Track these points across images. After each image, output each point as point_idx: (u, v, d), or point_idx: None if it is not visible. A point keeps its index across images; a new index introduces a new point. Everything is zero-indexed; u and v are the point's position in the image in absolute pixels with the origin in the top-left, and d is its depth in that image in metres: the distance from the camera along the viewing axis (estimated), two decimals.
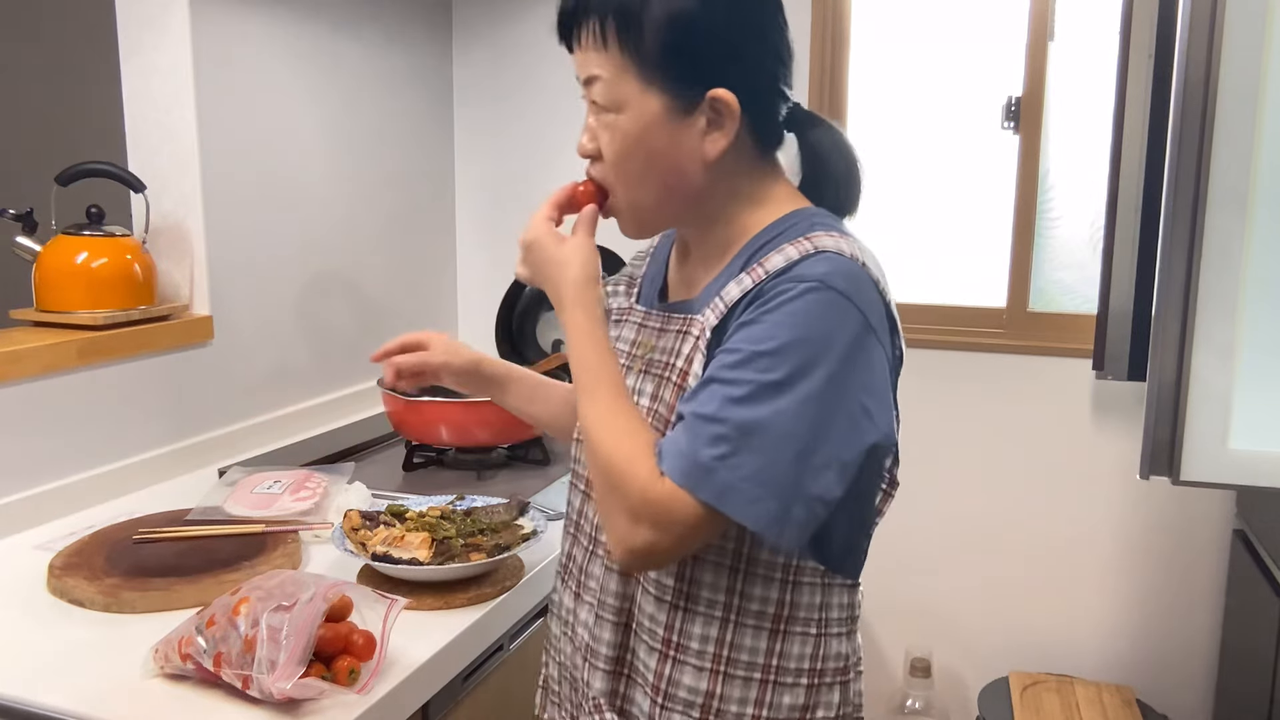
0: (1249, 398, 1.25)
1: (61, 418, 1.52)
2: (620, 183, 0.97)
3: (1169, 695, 2.14)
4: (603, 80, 0.95)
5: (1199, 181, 1.23)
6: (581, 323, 0.94)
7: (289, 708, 0.98)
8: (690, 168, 0.95)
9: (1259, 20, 1.19)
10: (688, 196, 0.97)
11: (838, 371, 0.85)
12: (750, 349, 0.86)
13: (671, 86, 0.92)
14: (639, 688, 0.98)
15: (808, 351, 0.85)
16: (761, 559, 0.94)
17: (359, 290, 2.18)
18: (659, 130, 0.93)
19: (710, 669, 0.94)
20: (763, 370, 0.85)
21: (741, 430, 0.84)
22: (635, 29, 0.91)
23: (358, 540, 1.29)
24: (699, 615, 0.94)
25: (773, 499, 0.84)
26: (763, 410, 0.84)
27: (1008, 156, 2.14)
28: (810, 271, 0.88)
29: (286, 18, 1.90)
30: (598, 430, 0.90)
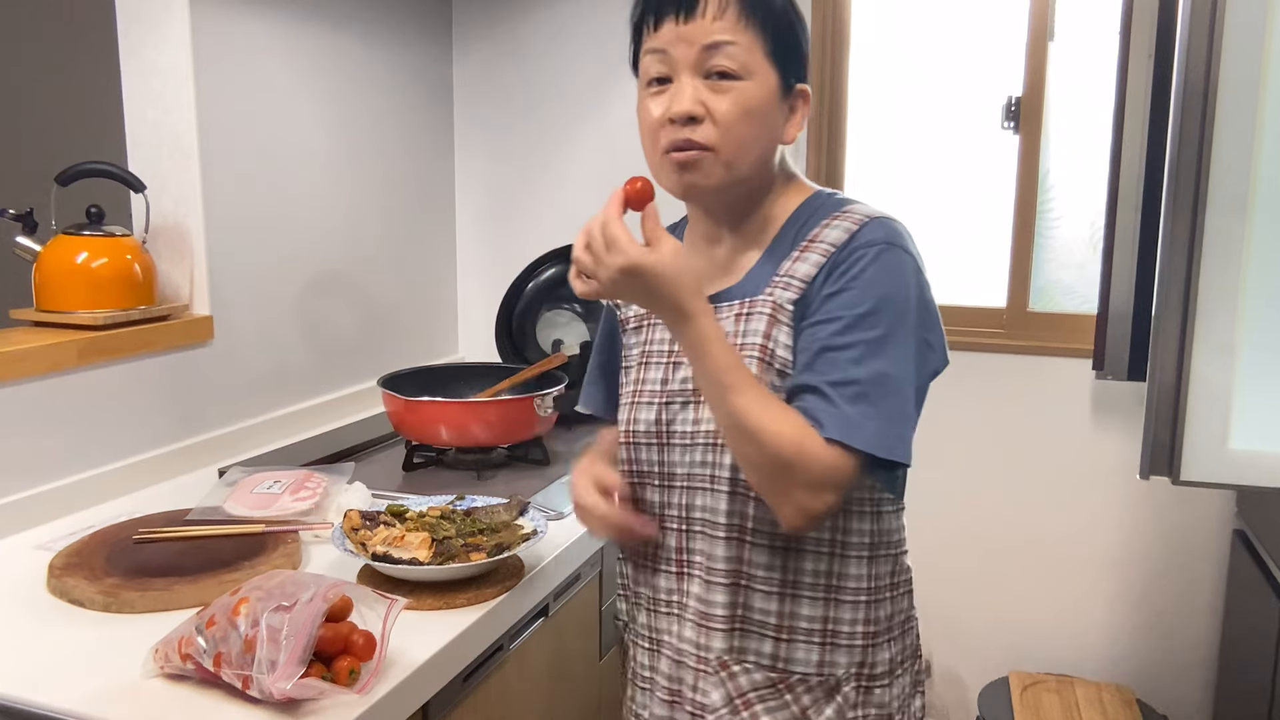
0: (1249, 398, 1.25)
1: (61, 418, 1.52)
2: (730, 144, 1.03)
3: (1169, 695, 2.14)
4: (738, 46, 1.02)
5: (1199, 181, 1.23)
6: (709, 328, 0.99)
7: (289, 708, 0.98)
8: (773, 146, 1.08)
9: (1259, 20, 1.19)
10: (763, 170, 1.08)
11: (914, 315, 1.01)
12: (851, 313, 1.00)
13: (785, 68, 1.05)
14: (755, 636, 1.09)
15: (894, 305, 1.00)
16: (856, 497, 1.07)
17: (359, 290, 2.18)
18: (772, 104, 1.05)
19: (823, 598, 1.08)
20: (867, 329, 0.99)
21: (871, 384, 0.98)
22: (770, 13, 1.03)
23: (358, 540, 1.29)
24: (808, 553, 1.07)
25: (905, 433, 0.99)
26: (881, 363, 0.98)
27: (1008, 156, 2.14)
28: (874, 236, 1.03)
29: (287, 18, 1.90)
30: (757, 418, 0.96)
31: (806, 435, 0.96)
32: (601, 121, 2.34)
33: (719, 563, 1.08)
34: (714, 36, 1.01)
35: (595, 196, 2.37)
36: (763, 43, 1.03)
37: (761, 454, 0.97)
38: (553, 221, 2.41)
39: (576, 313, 2.35)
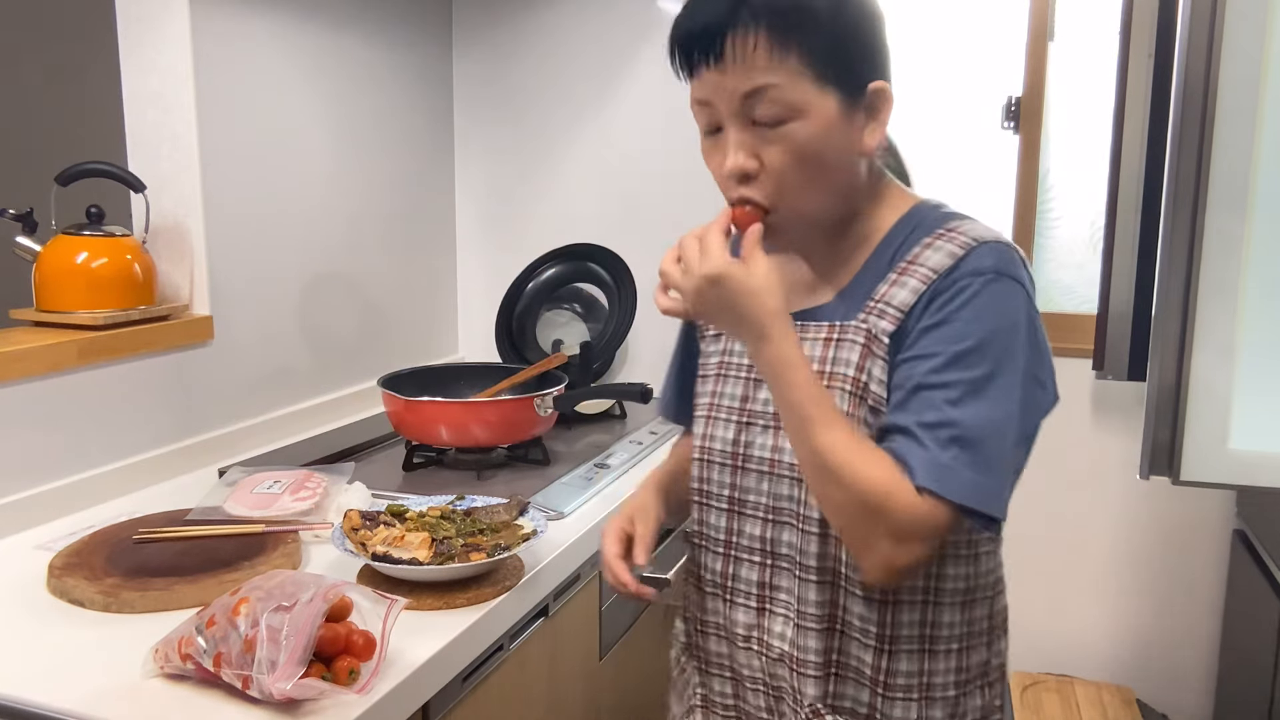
0: (1249, 398, 1.25)
1: (61, 418, 1.52)
2: (791, 193, 0.95)
3: (1169, 695, 2.14)
4: (778, 87, 0.91)
5: (1199, 181, 1.23)
6: (790, 352, 0.91)
7: (289, 708, 0.98)
8: (853, 165, 0.97)
9: (1259, 20, 1.19)
10: (845, 194, 0.98)
11: (1024, 353, 0.92)
12: (951, 349, 0.90)
13: (844, 83, 0.93)
14: (852, 683, 1.02)
15: (1000, 342, 0.91)
16: (951, 541, 0.99)
17: (359, 290, 2.18)
18: (836, 129, 0.93)
19: (919, 649, 1.00)
20: (968, 368, 0.90)
21: (969, 429, 0.89)
22: (806, 28, 0.90)
23: (358, 540, 1.29)
24: (904, 604, 0.99)
25: (1002, 484, 0.91)
26: (980, 406, 0.89)
27: (1008, 156, 2.14)
28: (982, 264, 0.92)
29: (287, 17, 1.90)
30: (842, 457, 0.89)
31: (896, 481, 0.88)
32: (602, 121, 2.34)
33: (811, 606, 1.00)
34: (751, 82, 0.91)
35: (595, 196, 2.38)
36: (809, 68, 0.91)
37: (845, 497, 0.90)
38: (553, 221, 2.42)
39: (576, 313, 2.35)
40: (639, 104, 2.29)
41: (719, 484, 1.07)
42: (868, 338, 0.96)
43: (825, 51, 0.91)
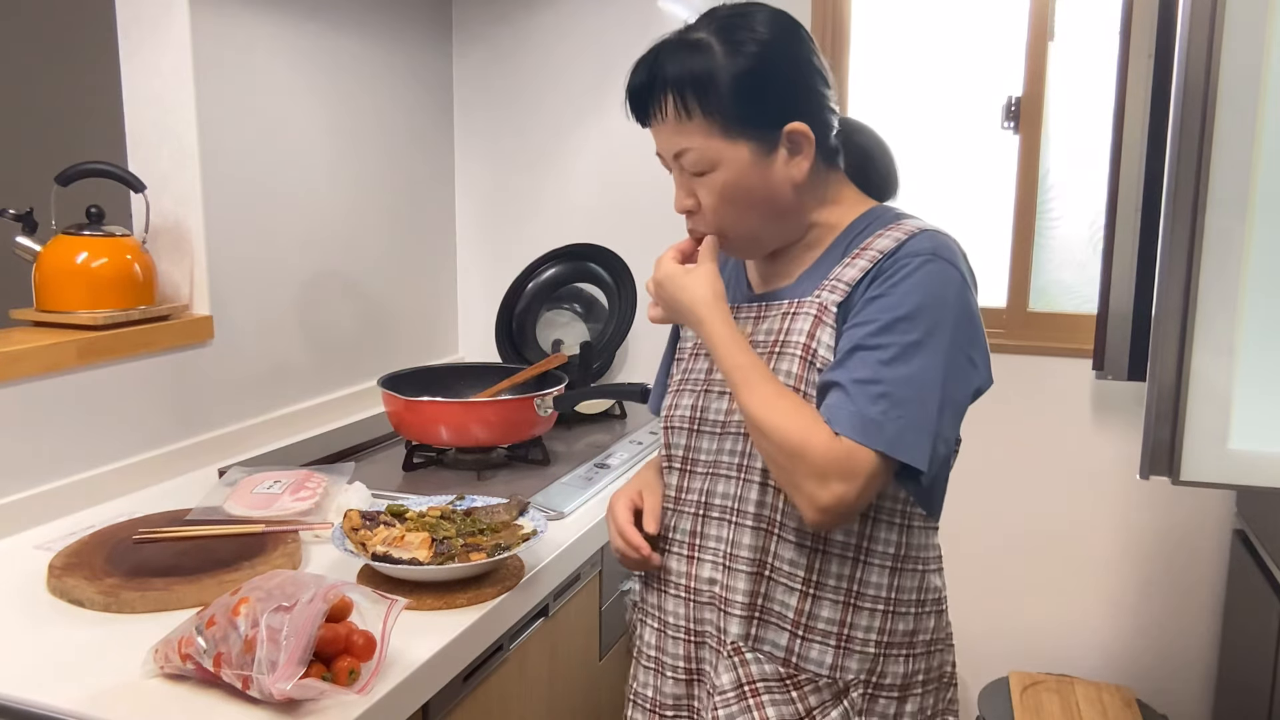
0: (1249, 398, 1.25)
1: (61, 418, 1.52)
2: (726, 224, 1.11)
3: (1169, 695, 2.14)
4: (693, 150, 1.08)
5: (1199, 181, 1.23)
6: (721, 330, 1.06)
7: (289, 708, 0.98)
8: (783, 193, 1.10)
9: (1259, 20, 1.19)
10: (784, 215, 1.12)
11: (955, 327, 1.02)
12: (888, 317, 1.02)
13: (754, 133, 1.06)
14: (774, 627, 1.11)
15: (933, 313, 1.01)
16: (884, 506, 1.09)
17: (359, 290, 2.18)
18: (752, 173, 1.08)
19: (844, 601, 1.09)
20: (902, 333, 1.01)
21: (897, 386, 0.99)
22: (710, 93, 1.05)
23: (358, 540, 1.29)
24: (834, 556, 1.09)
25: (927, 442, 1.00)
26: (910, 367, 1.00)
27: (1008, 156, 2.14)
28: (920, 247, 1.05)
29: (287, 18, 1.90)
30: (766, 413, 1.02)
31: (812, 428, 0.99)
32: (601, 121, 2.34)
33: (744, 550, 1.11)
34: (674, 145, 1.09)
35: (595, 196, 2.38)
36: (716, 126, 1.05)
37: (770, 445, 1.02)
38: (553, 221, 2.42)
39: (576, 313, 2.35)
40: None
41: (676, 446, 1.19)
42: (819, 309, 1.08)
43: (729, 111, 1.05)
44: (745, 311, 1.17)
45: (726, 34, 1.06)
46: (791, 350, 1.09)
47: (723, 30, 1.06)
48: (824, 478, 0.98)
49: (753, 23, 1.07)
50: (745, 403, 1.03)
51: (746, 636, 1.12)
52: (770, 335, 1.12)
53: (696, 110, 1.05)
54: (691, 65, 1.05)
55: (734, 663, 1.12)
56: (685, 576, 1.17)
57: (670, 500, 1.20)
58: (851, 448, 0.98)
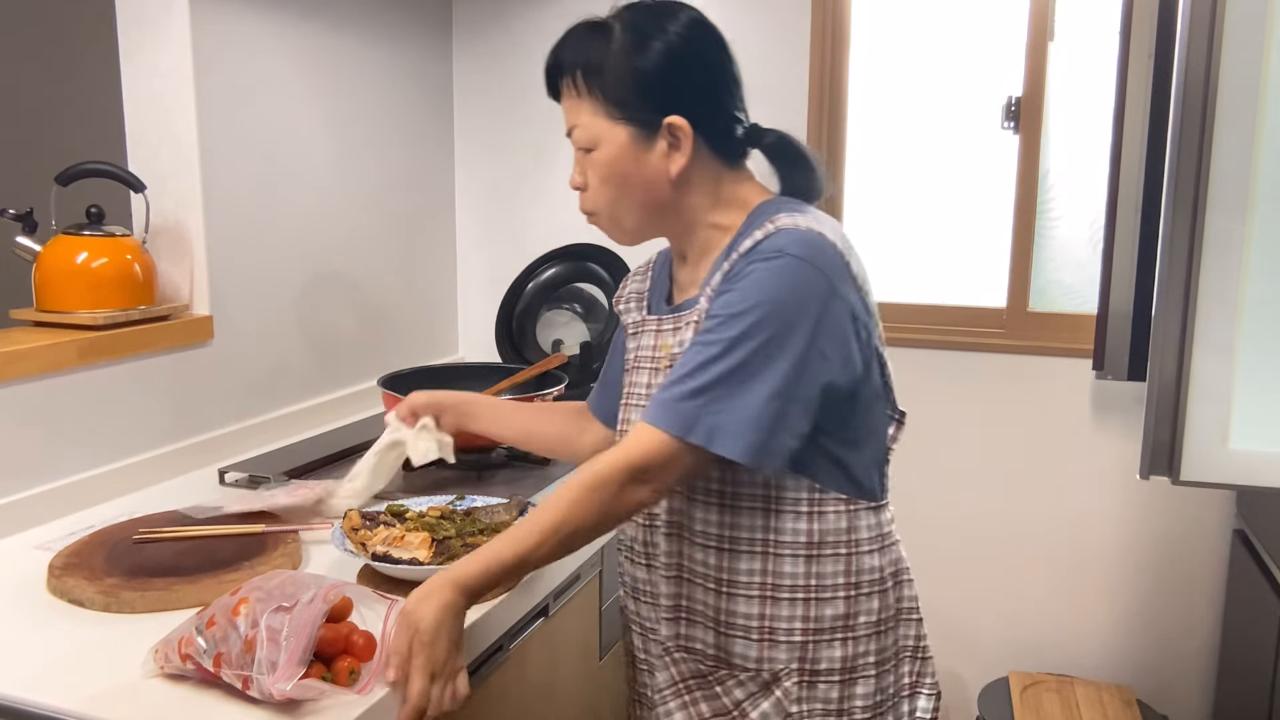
0: (1249, 398, 1.25)
1: (61, 418, 1.52)
2: (604, 205, 1.17)
3: (1169, 695, 2.14)
4: (580, 125, 1.14)
5: (1199, 181, 1.23)
6: (470, 571, 1.03)
7: (289, 708, 0.98)
8: (658, 185, 1.13)
9: (1259, 20, 1.19)
10: (661, 208, 1.16)
11: (797, 322, 1.03)
12: (724, 314, 1.05)
13: (634, 118, 1.11)
14: (700, 625, 1.15)
15: (770, 308, 1.03)
16: (786, 496, 1.11)
17: (359, 290, 2.18)
18: (628, 157, 1.12)
19: (759, 595, 1.12)
20: (733, 328, 1.03)
21: (718, 380, 1.02)
22: (600, 76, 1.11)
23: (358, 540, 1.29)
24: (742, 553, 1.12)
25: (753, 434, 1.02)
26: (733, 360, 1.02)
27: (1008, 156, 2.14)
28: (773, 245, 1.06)
29: (287, 18, 1.90)
30: (571, 522, 1.04)
31: (611, 459, 1.04)
32: None
33: (662, 554, 1.17)
34: (570, 119, 1.15)
35: None
36: (602, 107, 1.11)
37: (589, 519, 1.05)
38: (553, 221, 2.41)
39: (576, 313, 2.35)
40: None
41: None
42: (699, 317, 1.11)
43: (615, 94, 1.11)
44: (662, 324, 1.20)
45: (632, 22, 1.11)
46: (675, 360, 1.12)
47: (630, 19, 1.12)
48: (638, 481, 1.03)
49: (662, 18, 1.11)
50: (554, 539, 1.04)
51: (676, 635, 1.17)
52: (681, 347, 1.15)
53: (584, 88, 1.12)
54: (589, 46, 1.11)
55: (666, 661, 1.18)
56: (631, 578, 1.24)
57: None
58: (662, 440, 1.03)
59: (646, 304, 1.27)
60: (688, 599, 1.16)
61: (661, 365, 1.18)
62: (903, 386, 1.18)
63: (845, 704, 1.13)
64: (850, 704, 1.14)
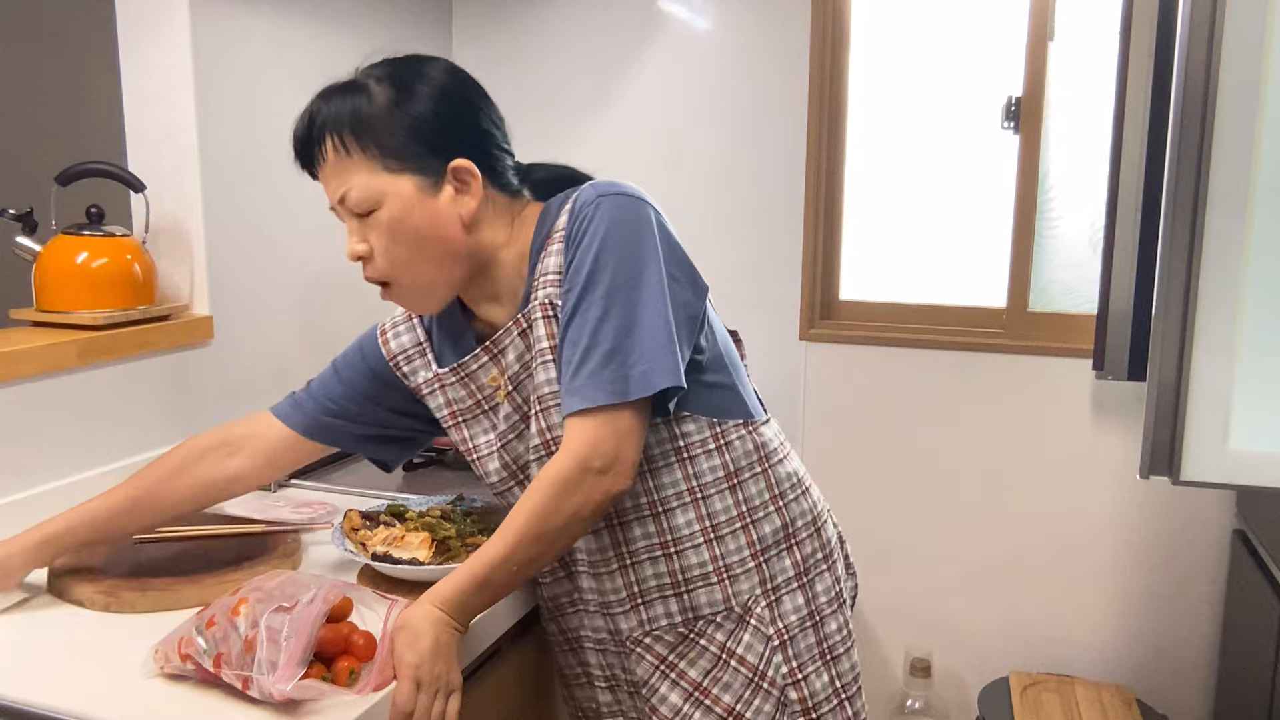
0: (1249, 398, 1.25)
1: (61, 418, 1.52)
2: (398, 269, 1.12)
3: (1169, 695, 2.14)
4: (355, 188, 1.09)
5: (1199, 181, 1.23)
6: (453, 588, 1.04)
7: (289, 708, 0.98)
8: (452, 232, 1.11)
9: (1259, 20, 1.19)
10: (459, 256, 1.13)
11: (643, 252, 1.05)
12: (583, 276, 1.05)
13: (416, 166, 1.09)
14: (658, 601, 1.16)
15: (617, 249, 1.04)
16: (694, 443, 1.13)
17: (359, 290, 2.17)
18: (418, 208, 1.09)
19: (704, 541, 1.14)
20: (598, 284, 1.04)
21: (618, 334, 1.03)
22: (371, 131, 1.08)
23: (358, 540, 1.29)
24: (674, 509, 1.14)
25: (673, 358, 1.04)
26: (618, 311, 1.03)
27: (1008, 156, 2.14)
28: (584, 199, 1.08)
29: (287, 18, 1.90)
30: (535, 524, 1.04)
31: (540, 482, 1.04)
32: (602, 121, 2.34)
33: (599, 553, 1.16)
34: (338, 189, 1.10)
35: None
36: (377, 162, 1.08)
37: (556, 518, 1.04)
38: None
39: None
40: (638, 103, 2.29)
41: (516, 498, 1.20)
42: (544, 307, 1.11)
43: (388, 144, 1.08)
44: (480, 358, 1.18)
45: (390, 75, 1.09)
46: (544, 357, 1.11)
47: (386, 73, 1.10)
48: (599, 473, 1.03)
49: (418, 67, 1.11)
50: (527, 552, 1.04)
51: (641, 623, 1.17)
52: (518, 359, 1.15)
53: (354, 146, 1.08)
54: (350, 104, 1.08)
55: (639, 653, 1.18)
56: (568, 594, 1.24)
57: None
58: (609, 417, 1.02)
59: (436, 356, 1.24)
60: (639, 581, 1.16)
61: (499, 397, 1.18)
62: (903, 386, 1.19)
63: (812, 604, 1.18)
64: (816, 602, 1.19)
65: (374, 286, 1.95)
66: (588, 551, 1.18)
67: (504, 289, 1.18)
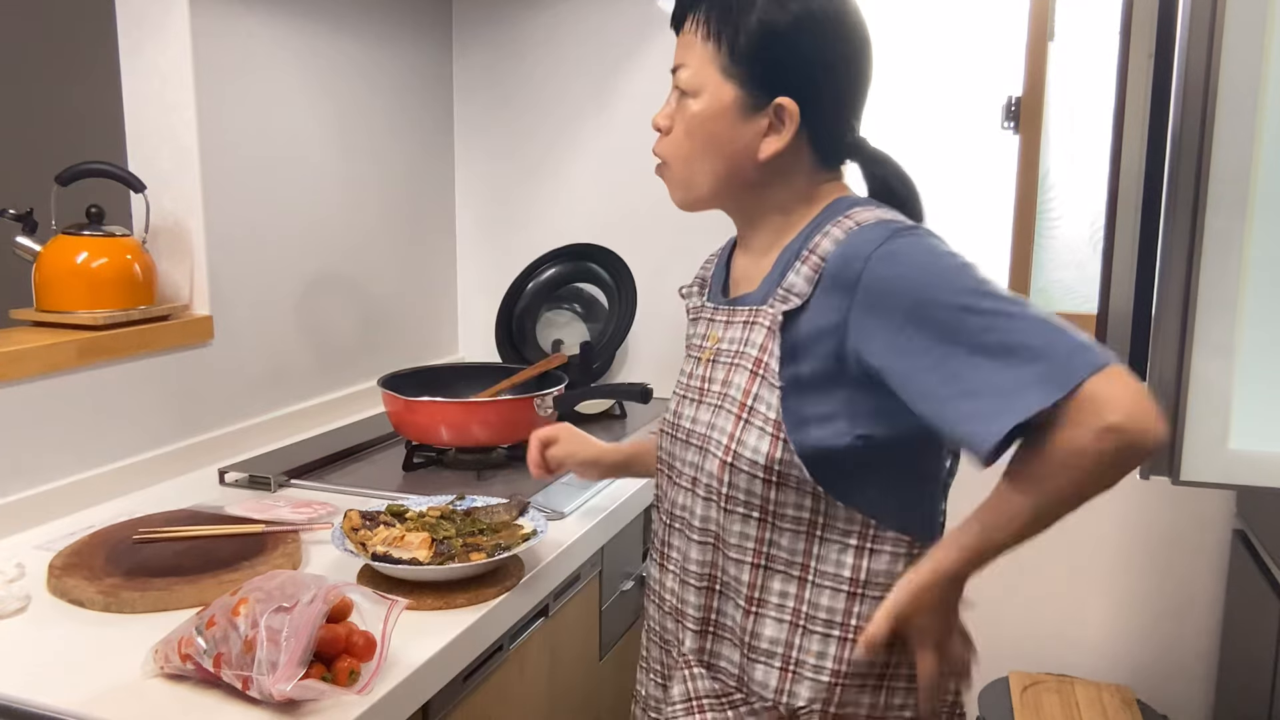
0: (1249, 398, 1.25)
1: (61, 418, 1.52)
2: (679, 157, 1.08)
3: (1169, 695, 2.14)
4: (689, 67, 1.05)
5: (1199, 181, 1.23)
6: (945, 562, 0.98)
7: (289, 708, 0.98)
8: (744, 161, 1.05)
9: (1259, 20, 1.19)
10: (736, 186, 1.07)
11: (965, 278, 0.94)
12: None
13: (746, 84, 1.02)
14: (727, 643, 1.07)
15: (941, 285, 0.93)
16: (838, 526, 1.01)
17: (359, 290, 2.18)
18: (724, 119, 1.03)
19: (789, 622, 1.03)
20: (979, 303, 0.91)
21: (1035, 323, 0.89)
22: (731, 25, 1.01)
23: (358, 540, 1.29)
24: (777, 573, 1.03)
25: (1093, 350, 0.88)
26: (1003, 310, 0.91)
27: (1008, 156, 2.14)
28: (866, 242, 0.97)
29: (287, 18, 1.90)
30: (1036, 520, 0.96)
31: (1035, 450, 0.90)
32: (602, 121, 2.34)
33: (693, 564, 1.08)
34: (681, 56, 1.06)
35: (595, 196, 2.38)
36: (720, 57, 1.02)
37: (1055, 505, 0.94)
38: (553, 221, 2.41)
39: (576, 313, 2.35)
40: (639, 104, 2.29)
41: (664, 450, 1.17)
42: (772, 320, 1.02)
43: (740, 52, 1.01)
44: (718, 314, 1.13)
45: None
46: (745, 363, 1.04)
47: None
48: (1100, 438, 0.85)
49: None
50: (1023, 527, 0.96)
51: (701, 650, 1.09)
52: (733, 345, 1.07)
53: (710, 31, 1.03)
54: None
55: (684, 675, 1.10)
56: (657, 583, 1.17)
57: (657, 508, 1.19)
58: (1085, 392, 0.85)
59: (707, 290, 1.20)
60: (717, 613, 1.08)
61: (704, 356, 1.11)
62: None
63: None
64: None
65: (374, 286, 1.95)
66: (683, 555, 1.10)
67: (755, 248, 1.10)
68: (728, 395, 1.05)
